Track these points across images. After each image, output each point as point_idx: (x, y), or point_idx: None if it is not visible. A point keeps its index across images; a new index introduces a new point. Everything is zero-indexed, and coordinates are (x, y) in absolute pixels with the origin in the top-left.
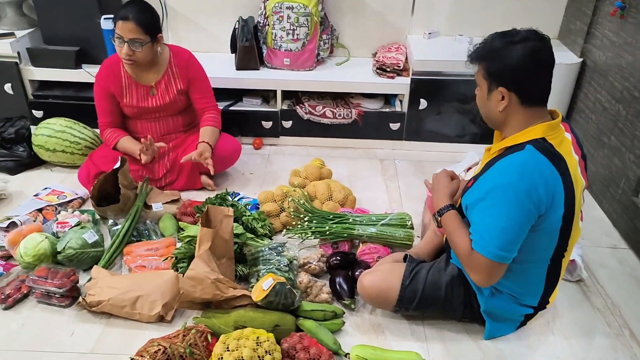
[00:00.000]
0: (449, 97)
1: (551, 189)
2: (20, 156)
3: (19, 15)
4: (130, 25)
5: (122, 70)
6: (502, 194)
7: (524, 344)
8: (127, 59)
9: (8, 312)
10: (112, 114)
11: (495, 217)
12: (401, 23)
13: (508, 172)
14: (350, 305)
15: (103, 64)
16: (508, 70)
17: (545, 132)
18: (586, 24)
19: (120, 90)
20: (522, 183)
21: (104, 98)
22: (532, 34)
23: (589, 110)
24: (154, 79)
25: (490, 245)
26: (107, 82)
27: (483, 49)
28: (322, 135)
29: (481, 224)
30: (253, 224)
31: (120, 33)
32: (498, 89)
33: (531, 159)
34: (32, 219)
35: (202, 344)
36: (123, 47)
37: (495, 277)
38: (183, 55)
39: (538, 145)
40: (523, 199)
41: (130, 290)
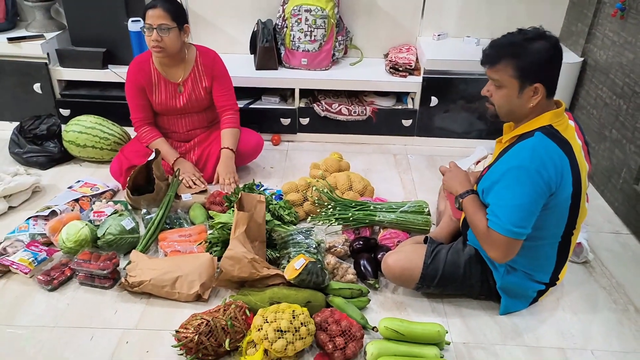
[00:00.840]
0: (459, 95)
1: (559, 169)
2: (51, 152)
3: (47, 19)
4: (158, 12)
5: (152, 66)
6: (515, 175)
7: (536, 318)
8: (156, 46)
9: (53, 293)
10: (145, 109)
11: (510, 197)
12: (411, 25)
13: (520, 155)
14: (374, 285)
15: (133, 61)
16: (541, 65)
17: (552, 120)
18: (587, 25)
19: (150, 86)
20: (533, 164)
21: (136, 94)
22: (541, 31)
23: (590, 107)
24: (181, 76)
25: (506, 223)
26: (137, 77)
27: (506, 48)
28: (337, 131)
29: (496, 204)
30: (280, 212)
31: (149, 21)
32: (534, 85)
33: (540, 143)
34: (70, 208)
35: (241, 318)
36: (152, 34)
37: (511, 253)
38: (209, 54)
39: (546, 131)
40: (535, 178)
41: (170, 271)
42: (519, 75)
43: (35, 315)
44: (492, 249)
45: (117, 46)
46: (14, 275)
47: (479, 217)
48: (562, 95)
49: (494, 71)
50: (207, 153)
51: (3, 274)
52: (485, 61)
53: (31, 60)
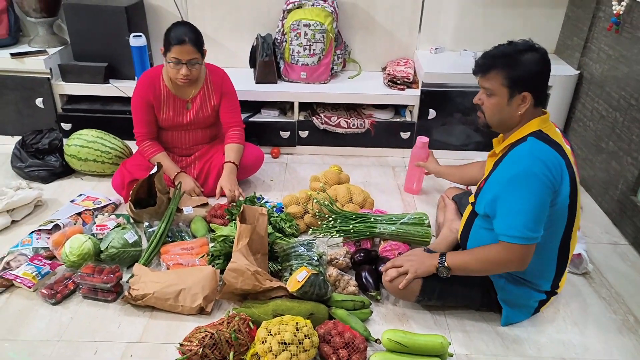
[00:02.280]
0: (456, 107)
1: (558, 169)
2: (53, 166)
3: (50, 34)
4: (187, 48)
5: (162, 83)
6: (521, 181)
7: (538, 329)
8: (185, 79)
9: (57, 307)
10: (149, 124)
11: (519, 203)
12: (409, 39)
13: (519, 161)
14: (376, 297)
15: (143, 76)
16: (530, 75)
17: (540, 125)
18: (583, 39)
19: (159, 103)
20: (535, 167)
21: (142, 109)
22: (531, 44)
23: (586, 119)
24: (190, 94)
25: (521, 230)
26: (147, 93)
27: (498, 59)
28: (336, 144)
29: (507, 213)
30: (281, 225)
31: (177, 57)
32: (522, 93)
33: (535, 146)
34: (73, 222)
35: (245, 330)
36: (181, 68)
37: (528, 259)
38: (219, 72)
39: (537, 136)
40: (541, 179)
41: (173, 284)
42: (509, 84)
43: (39, 329)
44: (511, 264)
45: (118, 61)
46: (18, 289)
47: (476, 254)
48: (558, 107)
49: (486, 80)
50: (208, 167)
51: (6, 288)
52: (478, 70)
53: (34, 75)
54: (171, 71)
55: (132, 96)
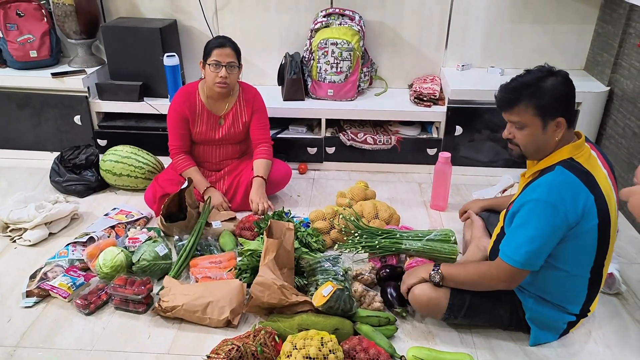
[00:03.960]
0: (483, 124)
1: (580, 202)
2: (89, 180)
3: (88, 55)
4: (227, 51)
5: (198, 98)
6: (531, 208)
7: (567, 351)
8: (222, 82)
9: (90, 317)
10: (184, 138)
11: (525, 229)
12: (436, 56)
13: (538, 189)
14: (401, 313)
15: (180, 91)
16: (559, 100)
17: (572, 152)
18: (613, 55)
19: (194, 117)
20: (550, 197)
21: (178, 122)
22: (547, 68)
23: (618, 136)
24: (223, 109)
25: (519, 254)
26: (183, 107)
27: (521, 91)
28: (363, 160)
29: (514, 236)
30: (307, 239)
31: (218, 59)
32: (556, 119)
33: (560, 177)
34: (107, 234)
35: (270, 344)
36: (220, 70)
37: (517, 282)
38: (252, 90)
39: (566, 165)
40: (550, 211)
41: (202, 297)
42: (541, 113)
43: (73, 338)
44: (499, 282)
45: (152, 80)
46: (54, 299)
47: (468, 268)
48: (589, 124)
49: (514, 114)
50: (237, 182)
51: (43, 298)
52: (502, 106)
53: (73, 93)
54: (210, 75)
55: (169, 110)
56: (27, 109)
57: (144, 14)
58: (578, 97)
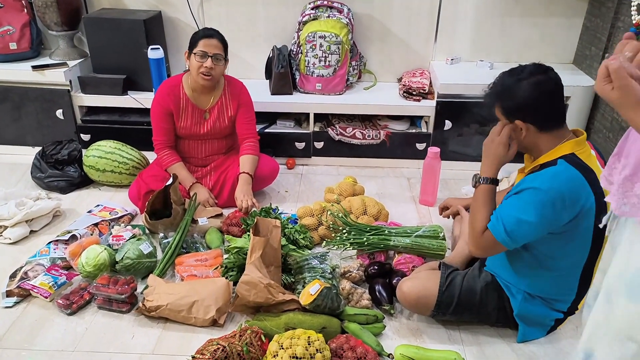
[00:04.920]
0: (472, 118)
1: (581, 199)
2: (72, 176)
3: (70, 47)
4: (214, 42)
5: (182, 91)
6: (529, 195)
7: (555, 347)
8: (207, 73)
9: (72, 317)
10: (168, 132)
11: (517, 209)
12: (425, 50)
13: (540, 179)
14: (389, 311)
15: (164, 84)
16: (519, 106)
17: (574, 148)
18: (601, 49)
19: (178, 110)
20: (550, 192)
21: (162, 116)
22: (536, 68)
23: (606, 130)
24: (208, 103)
25: (502, 228)
26: (167, 101)
27: (495, 90)
28: (351, 155)
29: (503, 209)
30: (295, 236)
31: (204, 49)
32: (515, 122)
33: (563, 171)
34: (90, 232)
35: (257, 343)
36: (205, 61)
37: (489, 253)
38: (237, 84)
39: (569, 159)
40: (547, 206)
41: (187, 296)
42: (506, 115)
43: (55, 339)
44: (475, 245)
45: (136, 73)
46: (35, 299)
47: (483, 212)
48: (577, 118)
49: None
50: (224, 178)
51: (24, 298)
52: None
53: (54, 87)
54: (194, 65)
55: (152, 104)
56: (7, 103)
57: (128, 5)
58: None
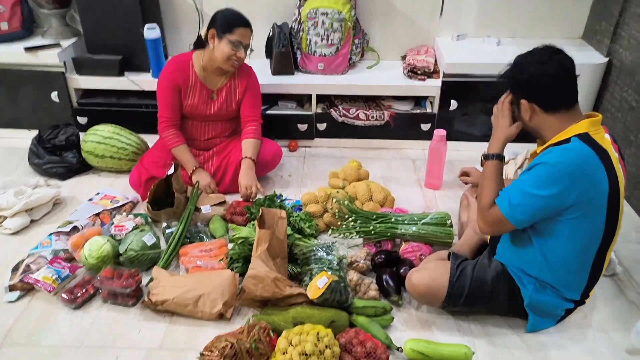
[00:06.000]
0: (479, 97)
1: (590, 177)
2: (70, 162)
3: (63, 25)
4: (248, 32)
5: (192, 69)
6: (538, 169)
7: (564, 336)
8: (238, 62)
9: (77, 311)
10: (174, 108)
11: (524, 182)
12: (429, 26)
13: (550, 154)
14: (397, 302)
15: (172, 60)
16: (522, 85)
17: (589, 128)
18: (612, 25)
19: (187, 88)
20: (558, 165)
21: (169, 92)
22: (543, 49)
23: (615, 109)
24: (218, 84)
25: (508, 202)
26: (175, 76)
27: (506, 71)
28: (355, 136)
29: (512, 185)
30: (300, 225)
31: (239, 39)
32: (520, 101)
33: (576, 148)
34: (91, 223)
35: (265, 340)
36: (239, 51)
37: (498, 231)
38: (246, 66)
39: (582, 138)
40: (554, 178)
41: (193, 290)
42: (513, 94)
43: (60, 334)
44: (483, 220)
45: (133, 53)
46: (38, 292)
47: (490, 187)
48: (585, 96)
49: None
50: (226, 163)
51: (27, 292)
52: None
53: (48, 69)
54: (224, 51)
55: (159, 79)
56: (0, 86)
57: None
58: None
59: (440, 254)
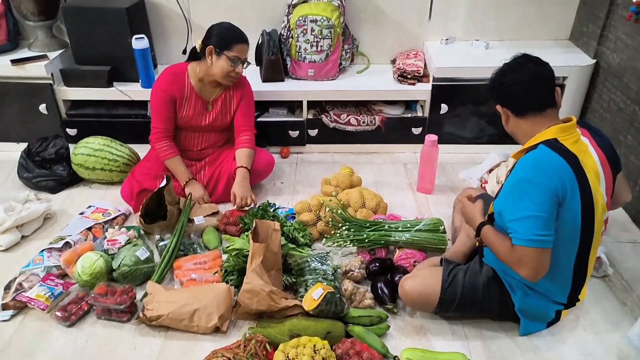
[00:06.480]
0: (469, 100)
1: (564, 180)
2: (60, 175)
3: (50, 37)
4: (246, 47)
5: (187, 80)
6: (521, 189)
7: (557, 339)
8: (237, 77)
9: (71, 329)
10: (168, 120)
11: (522, 209)
12: (418, 30)
13: (522, 168)
14: (392, 310)
15: (167, 71)
16: (493, 90)
17: (557, 134)
18: (599, 27)
19: (182, 99)
20: (536, 175)
21: (164, 103)
22: (518, 57)
23: (603, 110)
24: (213, 95)
25: (526, 233)
26: (171, 87)
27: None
28: (346, 141)
29: (513, 220)
30: (294, 234)
31: (239, 55)
32: (497, 106)
33: (542, 155)
34: (84, 238)
35: (262, 353)
36: (238, 66)
37: (542, 266)
38: (241, 78)
39: (549, 144)
40: (540, 187)
41: (188, 304)
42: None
43: (55, 353)
44: (521, 267)
45: (121, 64)
46: (31, 310)
47: (498, 242)
48: (574, 98)
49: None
50: (218, 173)
51: (20, 310)
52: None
53: (35, 81)
54: (223, 67)
55: (153, 89)
56: None
57: None
58: (563, 71)
59: (432, 260)
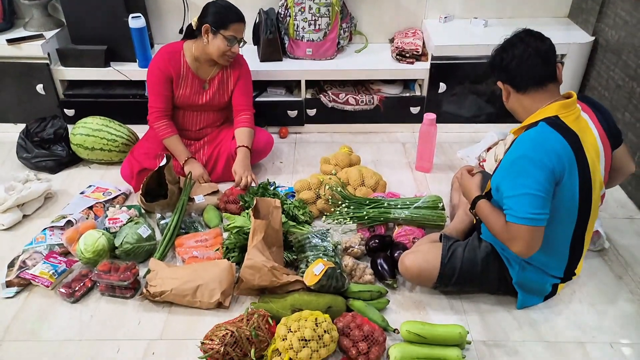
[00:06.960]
0: (467, 79)
1: (562, 157)
2: (60, 155)
3: (45, 16)
4: (243, 26)
5: (183, 59)
6: (520, 165)
7: (553, 311)
8: (233, 56)
9: (76, 305)
10: (166, 99)
11: (519, 186)
12: (417, 8)
13: (522, 145)
14: (392, 285)
15: (163, 50)
16: (493, 66)
17: (558, 111)
18: (598, 3)
19: (178, 78)
20: (536, 152)
21: (161, 82)
22: (519, 32)
23: (602, 88)
24: (209, 74)
25: (521, 211)
26: (167, 67)
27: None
28: (345, 121)
29: (509, 197)
30: (294, 212)
31: (236, 34)
32: (497, 82)
33: (542, 132)
34: (85, 216)
35: (264, 327)
36: (234, 46)
37: (535, 244)
38: (238, 56)
39: (549, 121)
40: (539, 165)
41: (191, 280)
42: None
43: (60, 329)
44: (514, 243)
45: (118, 43)
46: (35, 287)
47: (493, 217)
48: (572, 75)
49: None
50: (217, 152)
51: (24, 287)
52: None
53: (32, 61)
54: (219, 46)
55: (150, 69)
56: None
57: None
58: (562, 49)
59: (432, 236)
